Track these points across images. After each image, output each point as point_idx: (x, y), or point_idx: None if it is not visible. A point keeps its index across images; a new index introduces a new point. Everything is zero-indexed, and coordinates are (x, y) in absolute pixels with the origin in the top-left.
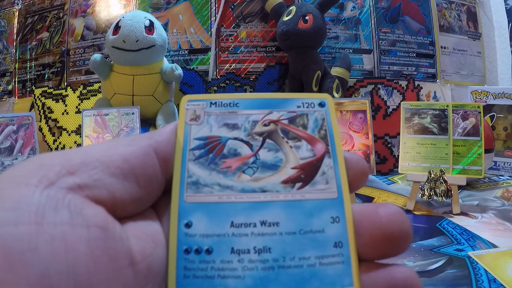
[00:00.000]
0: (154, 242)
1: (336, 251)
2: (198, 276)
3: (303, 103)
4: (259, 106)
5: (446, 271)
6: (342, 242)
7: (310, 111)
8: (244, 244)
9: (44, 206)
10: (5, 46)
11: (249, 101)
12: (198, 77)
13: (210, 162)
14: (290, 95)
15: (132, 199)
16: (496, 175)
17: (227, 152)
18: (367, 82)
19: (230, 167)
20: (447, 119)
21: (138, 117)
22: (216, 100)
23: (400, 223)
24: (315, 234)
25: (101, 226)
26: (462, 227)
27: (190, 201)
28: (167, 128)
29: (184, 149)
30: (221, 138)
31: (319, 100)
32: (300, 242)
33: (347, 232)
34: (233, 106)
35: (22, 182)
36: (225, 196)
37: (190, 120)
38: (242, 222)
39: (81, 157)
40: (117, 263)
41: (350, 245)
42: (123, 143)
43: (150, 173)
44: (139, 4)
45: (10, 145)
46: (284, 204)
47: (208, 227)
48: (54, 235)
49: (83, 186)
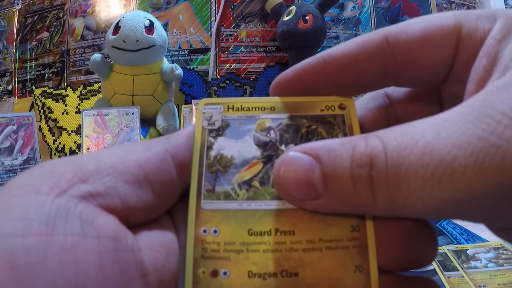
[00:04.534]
0: (167, 252)
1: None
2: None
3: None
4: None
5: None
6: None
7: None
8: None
9: (54, 216)
10: (5, 46)
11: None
12: (198, 77)
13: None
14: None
15: (146, 207)
16: None
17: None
18: None
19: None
20: None
21: (138, 117)
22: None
23: (428, 234)
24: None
25: (112, 237)
26: (462, 227)
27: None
28: (184, 131)
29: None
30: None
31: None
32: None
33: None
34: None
35: (32, 191)
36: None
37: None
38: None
39: (94, 164)
40: (127, 275)
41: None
42: (139, 148)
43: (166, 180)
44: (139, 4)
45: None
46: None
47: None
48: (63, 247)
49: (95, 194)
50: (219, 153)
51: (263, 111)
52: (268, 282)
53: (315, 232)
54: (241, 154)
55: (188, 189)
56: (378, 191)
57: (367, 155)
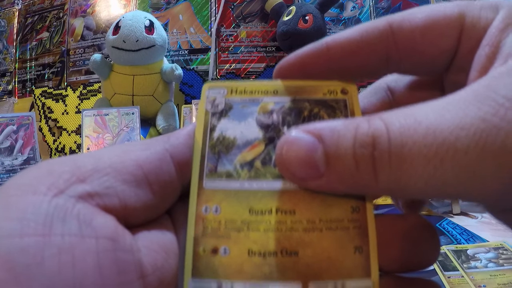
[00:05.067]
0: (166, 252)
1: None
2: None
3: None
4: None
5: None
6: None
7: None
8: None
9: (52, 216)
10: (5, 46)
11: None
12: (198, 77)
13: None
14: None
15: (145, 207)
16: None
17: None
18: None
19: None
20: None
21: (138, 117)
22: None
23: (431, 235)
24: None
25: (111, 237)
26: (462, 227)
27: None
28: (183, 131)
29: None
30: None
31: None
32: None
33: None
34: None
35: (30, 190)
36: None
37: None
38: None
39: (92, 163)
40: (126, 276)
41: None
42: (138, 147)
43: (165, 179)
44: (139, 4)
45: (10, 145)
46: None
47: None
48: (61, 248)
49: (93, 194)
50: (222, 134)
51: (266, 94)
52: (268, 260)
53: (316, 212)
54: (243, 135)
55: (187, 189)
56: (380, 171)
57: (370, 136)
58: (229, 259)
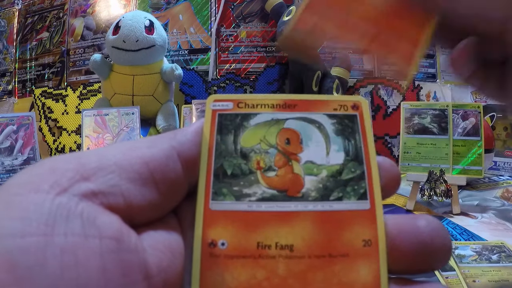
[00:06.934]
0: (172, 253)
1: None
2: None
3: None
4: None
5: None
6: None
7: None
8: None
9: (54, 215)
10: (5, 46)
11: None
12: (198, 77)
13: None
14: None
15: (151, 206)
16: (496, 175)
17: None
18: (367, 82)
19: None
20: (447, 119)
21: (138, 117)
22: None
23: (443, 238)
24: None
25: (115, 237)
26: (462, 227)
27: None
28: (191, 127)
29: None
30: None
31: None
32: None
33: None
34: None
35: (32, 189)
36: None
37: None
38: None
39: (97, 161)
40: (130, 277)
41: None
42: (144, 144)
43: (172, 178)
44: (139, 4)
45: (10, 145)
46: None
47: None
48: (64, 248)
49: (97, 192)
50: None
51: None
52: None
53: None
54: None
55: (195, 187)
56: None
57: None
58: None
